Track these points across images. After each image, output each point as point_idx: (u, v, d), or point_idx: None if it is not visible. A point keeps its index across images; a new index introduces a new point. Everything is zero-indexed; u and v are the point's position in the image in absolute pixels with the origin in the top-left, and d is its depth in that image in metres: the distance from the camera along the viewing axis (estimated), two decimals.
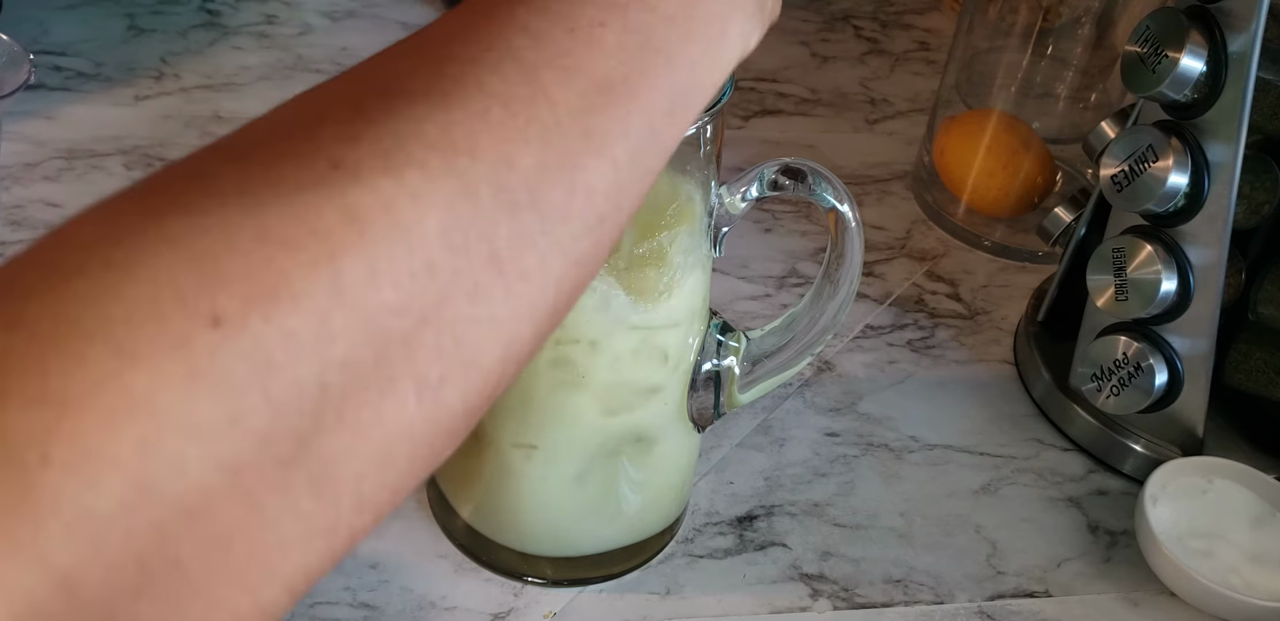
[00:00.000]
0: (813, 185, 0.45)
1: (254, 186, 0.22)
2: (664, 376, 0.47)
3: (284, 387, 0.21)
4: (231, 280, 0.21)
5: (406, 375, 0.23)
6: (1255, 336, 0.58)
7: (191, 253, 0.21)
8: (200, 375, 0.20)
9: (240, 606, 0.22)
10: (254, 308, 0.21)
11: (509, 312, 0.25)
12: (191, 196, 0.22)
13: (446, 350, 0.24)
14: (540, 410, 0.47)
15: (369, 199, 0.23)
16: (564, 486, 0.49)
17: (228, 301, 0.21)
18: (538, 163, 0.26)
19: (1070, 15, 0.73)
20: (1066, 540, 0.57)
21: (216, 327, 0.20)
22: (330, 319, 0.22)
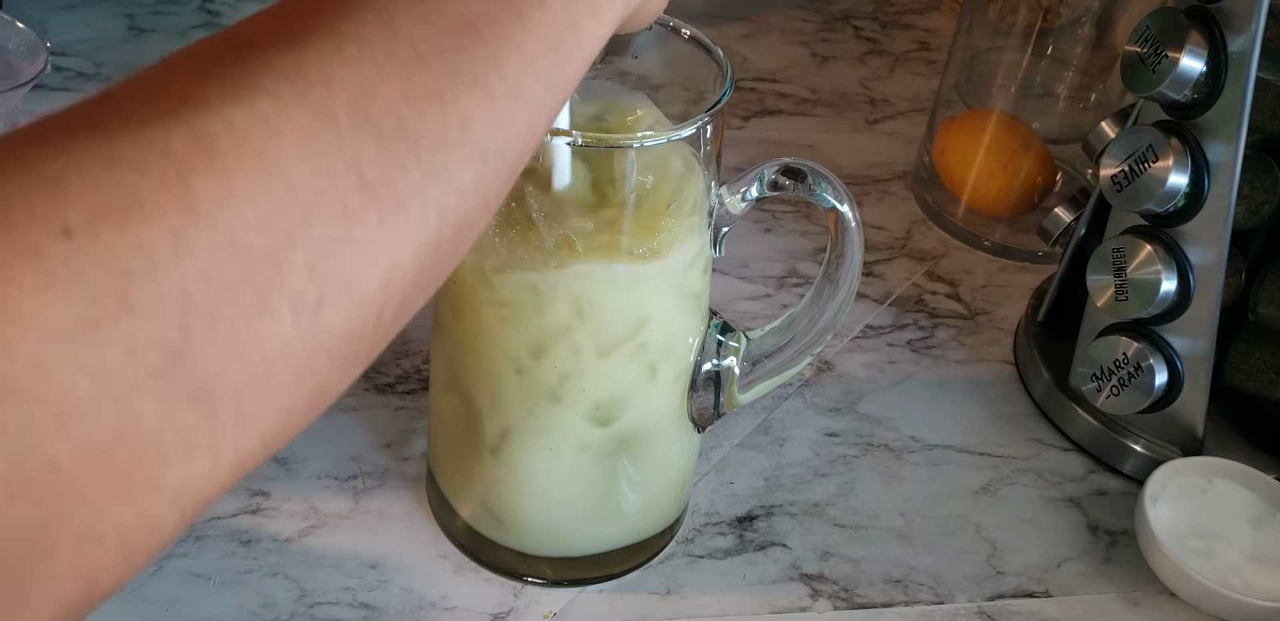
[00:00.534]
0: (813, 185, 0.45)
1: (104, 122, 0.23)
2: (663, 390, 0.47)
3: (144, 296, 0.21)
4: (81, 197, 0.21)
5: (279, 294, 0.23)
6: (1255, 336, 0.58)
7: (41, 174, 0.22)
8: (55, 280, 0.21)
9: (125, 517, 0.22)
10: (105, 221, 0.21)
11: (387, 237, 0.25)
12: (44, 133, 0.23)
13: (320, 271, 0.24)
14: (541, 410, 0.47)
15: (219, 126, 0.23)
16: (564, 487, 0.49)
17: (78, 215, 0.21)
18: (401, 93, 0.26)
19: (1070, 15, 0.73)
20: (1066, 540, 0.57)
21: (68, 238, 0.21)
22: (184, 233, 0.22)
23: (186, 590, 0.51)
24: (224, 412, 0.23)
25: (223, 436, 0.23)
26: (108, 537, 0.22)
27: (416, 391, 0.61)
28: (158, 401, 0.22)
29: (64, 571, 0.21)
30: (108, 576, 0.22)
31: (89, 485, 0.21)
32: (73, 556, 0.21)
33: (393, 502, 0.55)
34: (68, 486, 0.21)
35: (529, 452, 0.48)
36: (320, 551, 0.53)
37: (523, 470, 0.48)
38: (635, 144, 0.41)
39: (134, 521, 0.22)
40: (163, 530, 0.23)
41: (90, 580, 0.22)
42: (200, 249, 0.22)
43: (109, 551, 0.22)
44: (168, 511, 0.23)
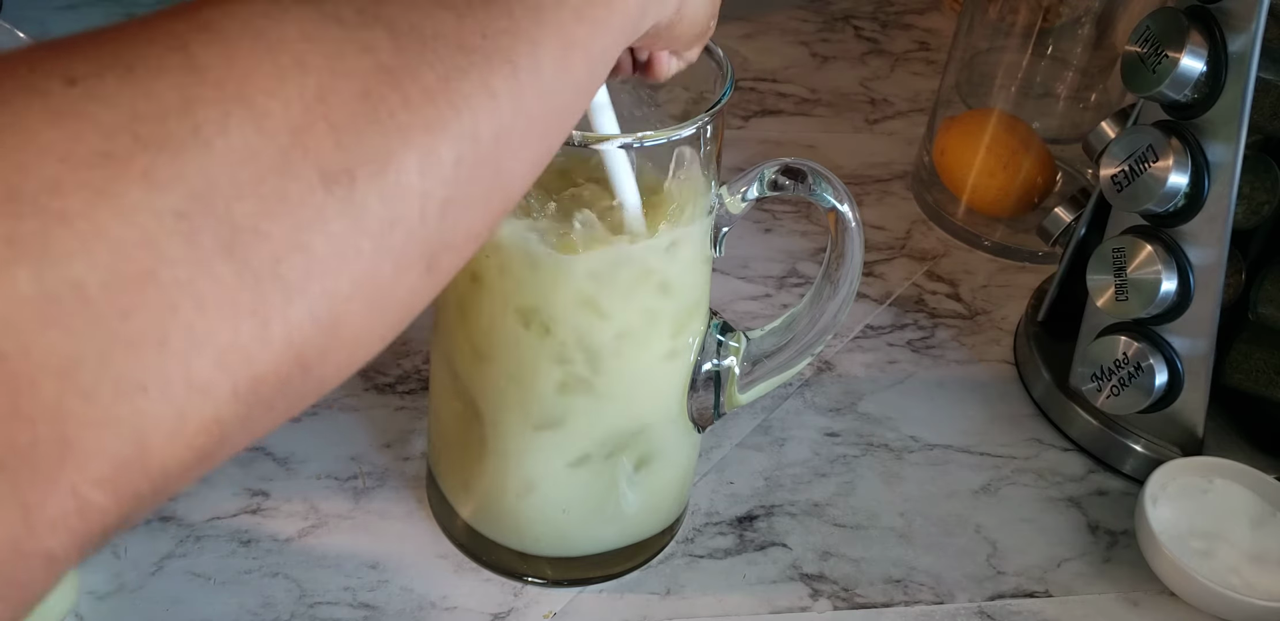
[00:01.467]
0: (813, 185, 0.45)
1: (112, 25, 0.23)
2: (662, 381, 0.47)
3: (158, 135, 0.21)
4: (84, 56, 0.22)
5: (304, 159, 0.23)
6: (1255, 336, 0.58)
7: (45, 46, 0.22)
8: (63, 116, 0.20)
9: (169, 371, 0.21)
10: (109, 72, 0.21)
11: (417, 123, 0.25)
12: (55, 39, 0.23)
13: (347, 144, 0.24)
14: (540, 411, 0.47)
15: (217, 14, 0.23)
16: (564, 486, 0.49)
17: (81, 67, 0.21)
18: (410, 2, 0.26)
19: (1070, 15, 0.73)
20: (1066, 540, 0.57)
21: (72, 85, 0.21)
22: (191, 88, 0.22)
23: (186, 590, 0.51)
24: (263, 274, 0.22)
25: (266, 302, 0.23)
26: (152, 391, 0.21)
27: (416, 391, 0.61)
28: (187, 245, 0.21)
29: (108, 420, 0.21)
30: (160, 439, 0.22)
31: (125, 326, 0.20)
32: (115, 403, 0.21)
33: (393, 502, 0.55)
34: (101, 319, 0.20)
35: (529, 452, 0.48)
36: (320, 551, 0.53)
37: (523, 470, 0.48)
38: (635, 144, 0.41)
39: (179, 377, 0.21)
40: (215, 398, 0.22)
41: (140, 436, 0.21)
42: (210, 102, 0.22)
43: (156, 408, 0.21)
44: (216, 375, 0.22)
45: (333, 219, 0.23)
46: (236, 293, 0.22)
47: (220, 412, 0.22)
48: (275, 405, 0.24)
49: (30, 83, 0.21)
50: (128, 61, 0.22)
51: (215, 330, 0.22)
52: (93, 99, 0.21)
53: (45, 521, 0.20)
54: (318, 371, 0.24)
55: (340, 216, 0.24)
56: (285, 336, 0.23)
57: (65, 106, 0.21)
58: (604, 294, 0.44)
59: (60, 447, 0.20)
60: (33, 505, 0.20)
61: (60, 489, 0.20)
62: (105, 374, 0.20)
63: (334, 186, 0.23)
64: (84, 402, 0.20)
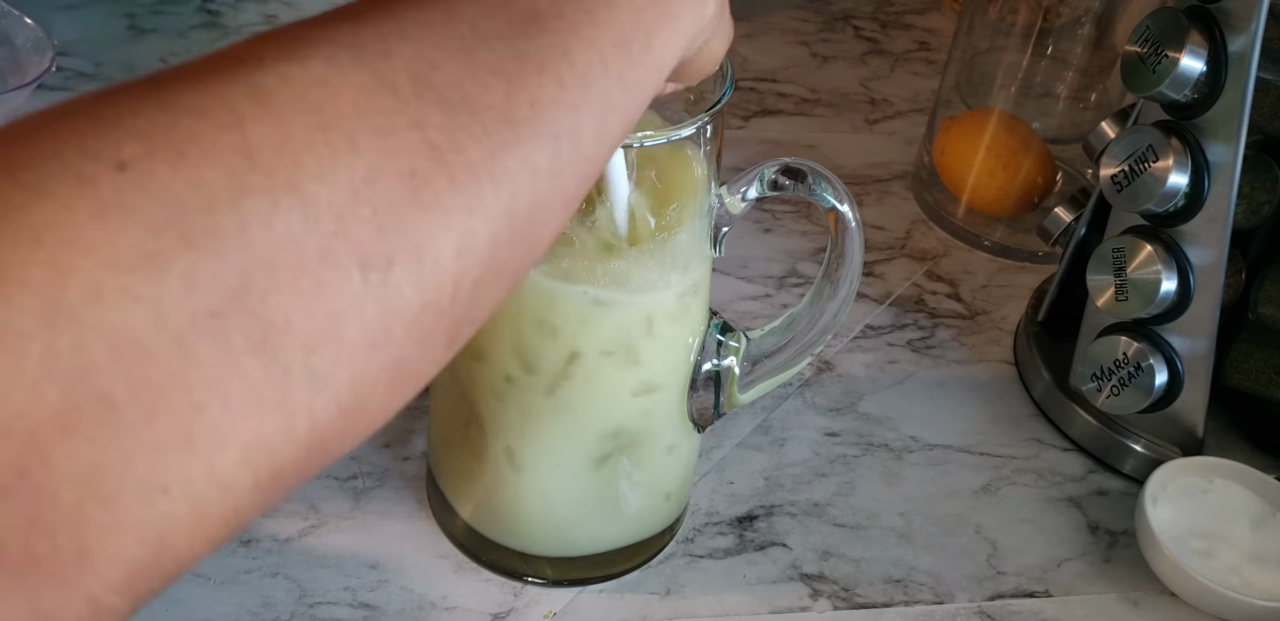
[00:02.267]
0: (813, 185, 0.45)
1: (162, 79, 0.23)
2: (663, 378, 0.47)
3: (202, 232, 0.21)
4: (135, 136, 0.21)
5: (345, 248, 0.23)
6: (1255, 336, 0.58)
7: (96, 117, 0.21)
8: (109, 209, 0.20)
9: (192, 472, 0.21)
10: (160, 158, 0.21)
11: (459, 204, 0.25)
12: (101, 94, 0.23)
13: (388, 230, 0.23)
14: (540, 410, 0.47)
15: (274, 81, 0.23)
16: (564, 486, 0.49)
17: (132, 150, 0.21)
18: (464, 68, 0.25)
19: (1070, 15, 0.73)
20: (1066, 540, 0.57)
21: (121, 171, 0.21)
22: (242, 175, 0.22)
23: (186, 590, 0.51)
24: (293, 368, 0.22)
25: (294, 395, 0.22)
26: (174, 492, 0.21)
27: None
28: (218, 346, 0.21)
29: (129, 525, 0.20)
30: (179, 539, 0.21)
31: (149, 431, 0.20)
32: (137, 509, 0.20)
33: (393, 502, 0.55)
34: (126, 428, 0.20)
35: (529, 452, 0.48)
36: (320, 551, 0.53)
37: (523, 470, 0.48)
38: (635, 144, 0.41)
39: (202, 478, 0.21)
40: (236, 495, 0.22)
41: (160, 539, 0.21)
42: (259, 191, 0.22)
43: (178, 508, 0.21)
44: (239, 471, 0.22)
45: (368, 307, 0.23)
46: (264, 388, 0.22)
47: (240, 504, 0.22)
48: (291, 486, 0.24)
49: (79, 168, 0.20)
50: (180, 144, 0.21)
51: (240, 427, 0.22)
52: (142, 190, 0.21)
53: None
54: (335, 452, 0.24)
55: (375, 304, 0.23)
56: (310, 427, 0.23)
57: (113, 199, 0.20)
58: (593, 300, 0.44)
59: (79, 556, 0.20)
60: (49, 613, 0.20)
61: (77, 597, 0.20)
62: (127, 479, 0.20)
63: (370, 274, 0.23)
64: (104, 509, 0.20)
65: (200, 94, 0.22)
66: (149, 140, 0.21)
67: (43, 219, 0.20)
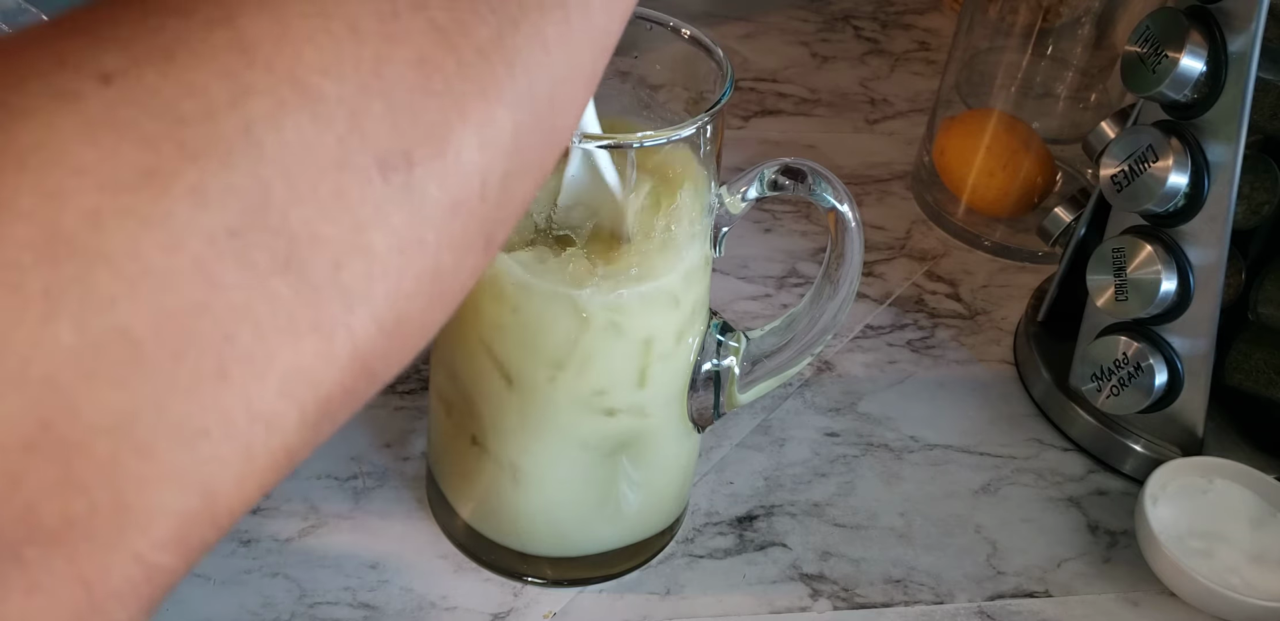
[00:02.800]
0: (813, 185, 0.45)
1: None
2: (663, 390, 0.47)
3: (205, 141, 0.19)
4: (117, 42, 0.19)
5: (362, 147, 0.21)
6: (1255, 336, 0.58)
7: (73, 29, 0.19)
8: (99, 125, 0.18)
9: (230, 407, 0.19)
10: (147, 64, 0.19)
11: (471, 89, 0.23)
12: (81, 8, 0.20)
13: (403, 125, 0.22)
14: (541, 410, 0.47)
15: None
16: (564, 487, 0.49)
17: (115, 60, 0.19)
18: None
19: (1070, 15, 0.73)
20: (1066, 540, 0.57)
21: (106, 83, 0.19)
22: (240, 75, 0.20)
23: (186, 590, 0.51)
24: (323, 285, 0.20)
25: (328, 315, 0.21)
26: (215, 434, 0.19)
27: (416, 391, 0.61)
28: (241, 266, 0.19)
29: (169, 474, 0.19)
30: (227, 484, 0.20)
31: (178, 367, 0.18)
32: (177, 456, 0.19)
33: (393, 502, 0.55)
34: (153, 367, 0.18)
35: (528, 452, 0.48)
36: (320, 551, 0.53)
37: (522, 470, 0.48)
38: (635, 144, 0.41)
39: (242, 413, 0.20)
40: (282, 428, 0.20)
41: (206, 487, 0.19)
42: (261, 91, 0.20)
43: (221, 450, 0.19)
44: (281, 404, 0.20)
45: (393, 212, 0.21)
46: (296, 310, 0.20)
47: (289, 441, 0.21)
48: (340, 417, 0.22)
49: (60, 84, 0.18)
50: (167, 46, 0.19)
51: (276, 355, 0.20)
52: (131, 102, 0.19)
53: (110, 595, 0.19)
54: (382, 375, 0.23)
55: (401, 208, 0.22)
56: (351, 349, 0.21)
57: (101, 114, 0.18)
58: (592, 300, 0.44)
59: (120, 514, 0.18)
60: (95, 580, 0.18)
61: (123, 559, 0.19)
62: (162, 424, 0.19)
63: (392, 175, 0.21)
64: (141, 460, 0.18)
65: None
66: (132, 47, 0.19)
67: (26, 140, 0.18)
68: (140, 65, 0.19)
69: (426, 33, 0.22)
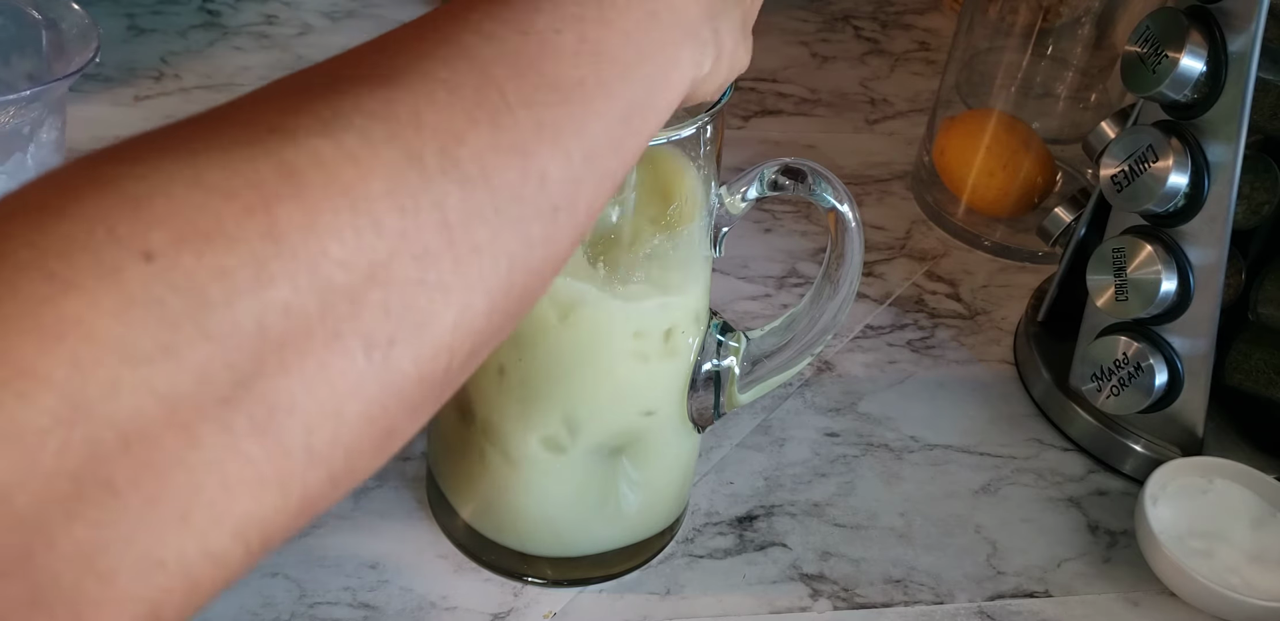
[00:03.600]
0: (813, 185, 0.45)
1: (190, 144, 0.23)
2: (663, 390, 0.47)
3: (220, 324, 0.21)
4: (164, 220, 0.21)
5: (353, 331, 0.23)
6: (1255, 336, 0.58)
7: (124, 195, 0.21)
8: (134, 304, 0.21)
9: (187, 548, 0.22)
10: (187, 245, 0.21)
11: (460, 282, 0.25)
12: (132, 151, 0.23)
13: (394, 311, 0.24)
14: (540, 410, 0.47)
15: (305, 158, 0.23)
16: (564, 487, 0.49)
17: (160, 238, 0.21)
18: (489, 142, 0.26)
19: (1070, 15, 0.73)
20: (1066, 540, 0.57)
21: (149, 261, 0.21)
22: (267, 263, 0.22)
23: None
24: (293, 448, 0.23)
25: (291, 473, 0.23)
26: (170, 567, 0.22)
27: None
28: (223, 430, 0.22)
29: (125, 599, 0.21)
30: (171, 609, 0.22)
31: (149, 511, 0.21)
32: (134, 584, 0.21)
33: (393, 502, 0.55)
34: (127, 510, 0.21)
35: (528, 452, 0.48)
36: (320, 551, 0.53)
37: (522, 470, 0.48)
38: None
39: (197, 553, 0.22)
40: (228, 565, 0.23)
41: (154, 611, 0.22)
42: (281, 280, 0.22)
43: (172, 581, 0.22)
44: (232, 546, 0.23)
45: (368, 385, 0.24)
46: (262, 467, 0.22)
47: (231, 572, 0.23)
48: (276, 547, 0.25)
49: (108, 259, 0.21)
50: (207, 230, 0.22)
51: (236, 504, 0.22)
52: (167, 283, 0.21)
53: None
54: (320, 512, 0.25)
55: (375, 382, 0.24)
56: (302, 497, 0.24)
57: (139, 293, 0.21)
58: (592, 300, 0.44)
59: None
60: None
61: None
62: (125, 557, 0.21)
63: (373, 352, 0.24)
64: (102, 586, 0.21)
65: (229, 171, 0.23)
66: (177, 226, 0.21)
67: (70, 314, 0.20)
68: (180, 245, 0.21)
69: (436, 230, 0.25)
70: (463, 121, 0.26)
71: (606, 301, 0.44)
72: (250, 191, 0.22)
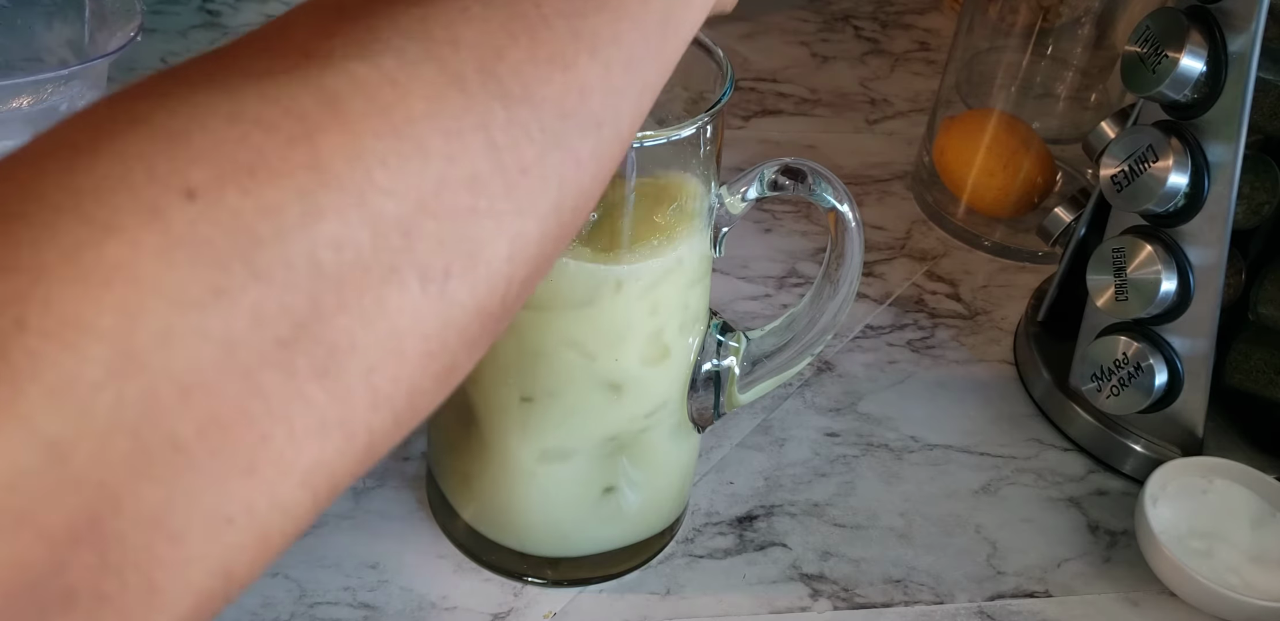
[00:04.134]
0: (813, 185, 0.45)
1: (224, 75, 0.22)
2: (664, 391, 0.47)
3: (270, 262, 0.20)
4: (204, 156, 0.20)
5: (408, 263, 0.22)
6: (1255, 336, 0.58)
7: (161, 131, 0.21)
8: (179, 244, 0.20)
9: (256, 500, 0.21)
10: (230, 181, 0.20)
11: (511, 207, 0.24)
12: (162, 86, 0.22)
13: (448, 241, 0.23)
14: (541, 410, 0.47)
15: (344, 82, 0.22)
16: (564, 487, 0.49)
17: (201, 175, 0.20)
18: (527, 55, 0.25)
19: (1070, 15, 0.73)
20: (1066, 540, 0.57)
21: (191, 200, 0.20)
22: (313, 195, 0.21)
23: None
24: (356, 389, 0.22)
25: (355, 415, 0.22)
26: (239, 522, 0.21)
27: None
28: (285, 375, 0.21)
29: (197, 559, 0.20)
30: (243, 565, 0.21)
31: (215, 464, 0.20)
32: (204, 543, 0.20)
33: (393, 502, 0.55)
34: (193, 465, 0.20)
35: (528, 453, 0.48)
36: (320, 551, 0.53)
37: (522, 470, 0.48)
38: (635, 144, 0.41)
39: (266, 505, 0.21)
40: (297, 517, 0.22)
41: (226, 569, 0.21)
42: (330, 213, 0.21)
43: (242, 537, 0.21)
44: (300, 494, 0.22)
45: (426, 320, 0.23)
46: (327, 412, 0.22)
47: (300, 524, 0.22)
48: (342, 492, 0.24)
49: (148, 199, 0.20)
50: (249, 163, 0.21)
51: (303, 452, 0.21)
52: (211, 220, 0.20)
53: None
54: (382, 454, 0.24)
55: (434, 316, 0.23)
56: (367, 442, 0.23)
57: (183, 232, 0.20)
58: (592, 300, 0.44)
59: (148, 593, 0.20)
60: None
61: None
62: (193, 514, 0.20)
63: (429, 285, 0.23)
64: (172, 546, 0.20)
65: (268, 101, 0.22)
66: (218, 161, 0.20)
67: (112, 257, 0.19)
68: (223, 181, 0.20)
69: (483, 151, 0.24)
70: (501, 36, 0.25)
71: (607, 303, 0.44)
72: (291, 122, 0.21)
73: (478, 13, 0.25)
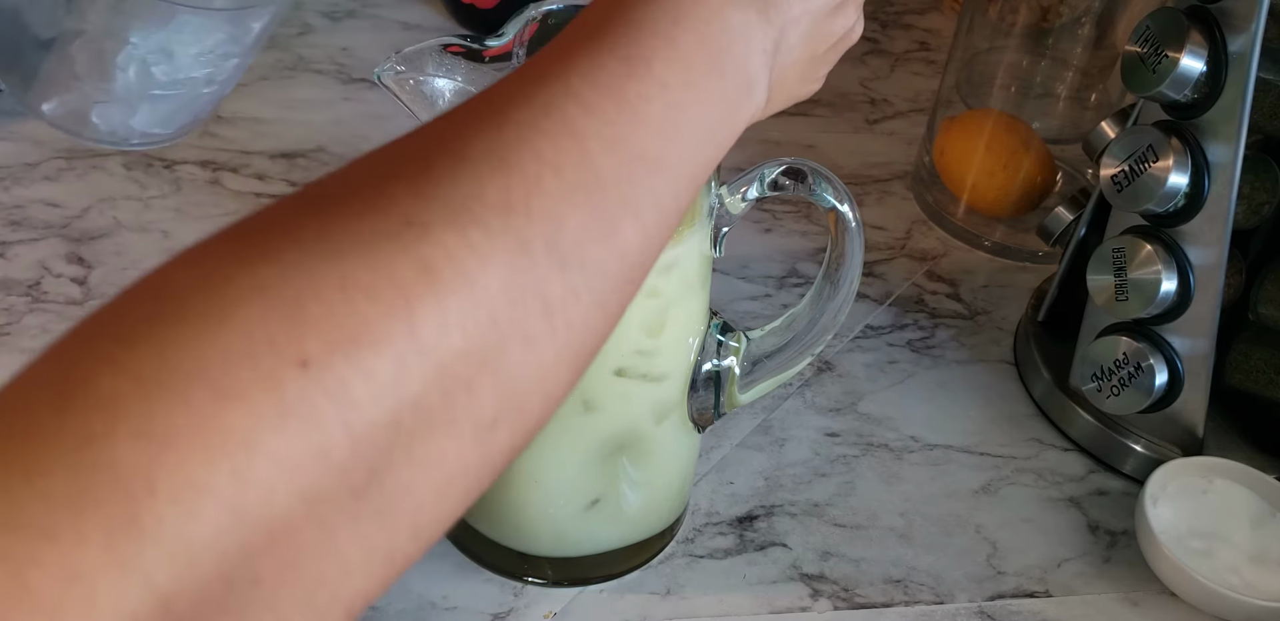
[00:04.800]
0: (813, 185, 0.45)
1: (334, 236, 0.25)
2: (665, 391, 0.47)
3: (364, 424, 0.23)
4: (317, 325, 0.23)
5: (467, 417, 0.25)
6: (1255, 336, 0.58)
7: (279, 300, 0.23)
8: (290, 413, 0.22)
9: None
10: (338, 351, 0.23)
11: (554, 359, 0.27)
12: (278, 245, 0.24)
13: (502, 394, 0.26)
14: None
15: (439, 253, 0.25)
16: (564, 487, 0.49)
17: (314, 345, 0.23)
18: (583, 224, 0.28)
19: (1070, 15, 0.73)
20: (1066, 540, 0.57)
21: (304, 369, 0.23)
22: (407, 361, 0.24)
23: None
24: (404, 528, 0.25)
25: (397, 548, 0.25)
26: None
27: None
28: (350, 520, 0.23)
29: None
30: None
31: (279, 597, 0.23)
32: None
33: None
34: (262, 598, 0.22)
35: (529, 453, 0.48)
36: None
37: (523, 470, 0.48)
38: None
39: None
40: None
41: None
42: (416, 376, 0.24)
43: None
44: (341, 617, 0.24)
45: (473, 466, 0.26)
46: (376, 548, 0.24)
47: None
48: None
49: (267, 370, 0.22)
50: (355, 334, 0.23)
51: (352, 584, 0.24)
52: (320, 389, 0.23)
53: None
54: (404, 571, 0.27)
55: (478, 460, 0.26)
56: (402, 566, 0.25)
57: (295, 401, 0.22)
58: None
59: None
60: None
61: None
62: None
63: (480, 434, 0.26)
64: None
65: (373, 270, 0.24)
66: (328, 331, 0.23)
67: (234, 425, 0.22)
68: (333, 352, 0.23)
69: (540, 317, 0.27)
70: (565, 206, 0.28)
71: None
72: (393, 292, 0.24)
73: (550, 184, 0.28)
